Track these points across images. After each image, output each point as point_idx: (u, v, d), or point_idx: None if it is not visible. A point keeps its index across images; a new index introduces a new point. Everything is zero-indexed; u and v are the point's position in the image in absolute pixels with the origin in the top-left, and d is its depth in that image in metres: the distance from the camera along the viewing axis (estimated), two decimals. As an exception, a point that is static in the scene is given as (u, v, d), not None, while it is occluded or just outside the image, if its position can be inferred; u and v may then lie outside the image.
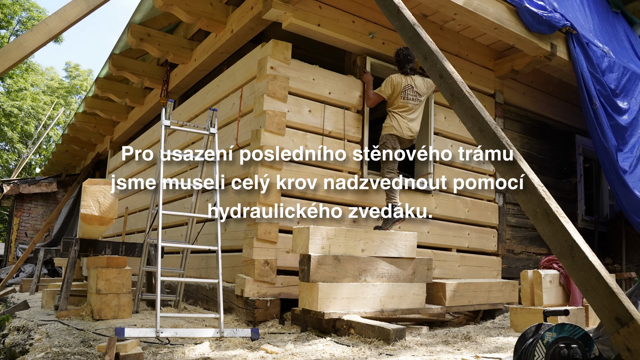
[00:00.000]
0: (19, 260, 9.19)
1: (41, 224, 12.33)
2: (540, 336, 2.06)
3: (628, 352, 1.68)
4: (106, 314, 4.01)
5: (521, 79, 6.63)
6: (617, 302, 1.73)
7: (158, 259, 3.42)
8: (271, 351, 2.90)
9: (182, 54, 6.34)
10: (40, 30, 3.05)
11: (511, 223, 6.33)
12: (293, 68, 4.59)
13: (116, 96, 8.11)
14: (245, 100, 4.84)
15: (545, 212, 2.00)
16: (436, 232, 5.42)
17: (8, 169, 23.35)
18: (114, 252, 4.53)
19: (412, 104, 4.69)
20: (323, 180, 4.64)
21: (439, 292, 4.35)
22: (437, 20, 5.51)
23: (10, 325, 4.13)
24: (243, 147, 4.79)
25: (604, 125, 5.99)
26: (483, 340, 3.43)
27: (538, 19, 5.36)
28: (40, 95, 23.38)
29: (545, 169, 6.84)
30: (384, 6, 3.08)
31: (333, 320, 3.56)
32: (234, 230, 4.77)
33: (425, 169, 5.55)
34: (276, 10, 4.52)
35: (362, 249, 3.82)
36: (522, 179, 2.12)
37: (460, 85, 2.49)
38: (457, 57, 5.82)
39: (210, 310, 4.78)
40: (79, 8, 3.18)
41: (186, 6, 5.16)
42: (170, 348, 2.98)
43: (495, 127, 2.31)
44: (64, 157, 13.30)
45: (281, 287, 4.32)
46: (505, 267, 6.12)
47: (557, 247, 1.95)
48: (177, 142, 6.45)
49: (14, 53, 2.94)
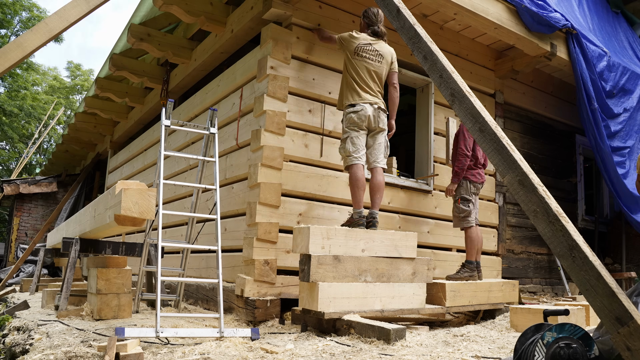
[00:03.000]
0: (19, 260, 9.19)
1: (41, 224, 12.33)
2: (540, 336, 2.06)
3: (628, 352, 1.68)
4: (106, 314, 4.02)
5: (521, 78, 6.63)
6: (617, 302, 1.73)
7: (158, 259, 3.42)
8: (271, 351, 2.89)
9: (182, 54, 6.34)
10: (41, 29, 3.05)
11: (511, 223, 6.33)
12: (293, 68, 4.60)
13: (116, 96, 8.11)
14: (245, 100, 4.84)
15: (545, 211, 2.00)
16: (436, 232, 5.42)
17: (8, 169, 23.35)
18: (114, 252, 4.53)
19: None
20: (323, 180, 4.64)
21: (439, 292, 4.35)
22: (437, 20, 5.51)
23: (10, 325, 4.13)
24: (243, 147, 4.79)
25: (601, 125, 6.00)
26: (483, 340, 3.43)
27: (538, 19, 5.37)
28: (41, 95, 23.39)
29: (545, 169, 6.84)
30: (384, 6, 3.09)
31: (333, 320, 3.56)
32: (234, 230, 4.77)
33: (425, 169, 5.55)
34: (276, 10, 4.52)
35: (363, 248, 3.82)
36: (522, 178, 2.12)
37: (460, 85, 2.49)
38: (457, 57, 5.82)
39: (210, 310, 4.79)
40: (79, 8, 3.19)
41: (186, 6, 5.16)
42: (170, 348, 2.98)
43: (495, 126, 2.31)
44: (64, 157, 13.31)
45: (281, 287, 4.32)
46: (505, 267, 6.12)
47: (557, 246, 1.95)
48: (177, 142, 6.45)
49: (14, 53, 2.95)
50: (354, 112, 4.13)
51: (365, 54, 4.24)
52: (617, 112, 6.21)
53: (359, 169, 4.07)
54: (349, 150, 4.10)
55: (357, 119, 4.11)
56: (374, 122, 4.17)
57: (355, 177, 4.05)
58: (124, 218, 3.08)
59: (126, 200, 3.08)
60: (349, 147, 4.10)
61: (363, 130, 4.17)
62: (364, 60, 4.23)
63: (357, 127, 4.13)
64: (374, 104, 4.17)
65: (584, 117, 6.02)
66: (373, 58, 4.26)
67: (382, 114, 4.23)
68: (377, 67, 4.26)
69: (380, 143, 4.23)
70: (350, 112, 4.15)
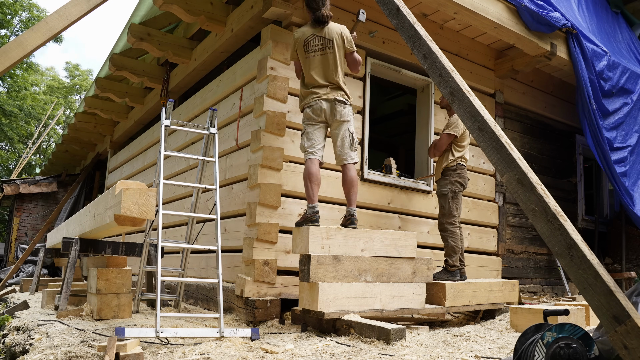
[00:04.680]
0: (19, 260, 9.19)
1: (41, 224, 12.33)
2: (540, 336, 2.06)
3: (625, 350, 1.69)
4: (106, 314, 4.02)
5: (521, 78, 6.63)
6: (615, 301, 1.73)
7: (158, 259, 3.42)
8: (271, 351, 2.89)
9: (182, 54, 6.34)
10: (41, 28, 3.05)
11: (511, 223, 6.33)
12: (293, 68, 4.59)
13: (116, 96, 8.11)
14: (245, 100, 4.84)
15: (544, 210, 2.00)
16: (436, 232, 5.41)
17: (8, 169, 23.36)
18: (114, 252, 4.53)
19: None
20: (323, 180, 4.63)
21: (439, 292, 4.35)
22: (437, 19, 5.51)
23: (10, 325, 4.13)
24: (243, 148, 4.79)
25: (600, 124, 6.00)
26: (483, 340, 3.43)
27: (538, 19, 5.37)
28: (41, 95, 23.39)
29: (545, 169, 6.84)
30: (384, 5, 3.08)
31: (333, 320, 3.56)
32: (234, 230, 4.77)
33: (425, 169, 5.55)
34: (276, 9, 4.52)
35: (362, 248, 3.82)
36: (521, 177, 2.12)
37: (460, 84, 2.49)
38: (457, 56, 5.82)
39: (210, 310, 4.79)
40: (80, 7, 3.19)
41: (186, 5, 5.16)
42: (170, 348, 2.98)
43: (494, 125, 2.31)
44: (64, 157, 13.31)
45: (281, 287, 4.32)
46: (505, 267, 6.12)
47: (555, 245, 1.95)
48: (177, 142, 6.45)
49: (14, 52, 2.95)
50: (309, 107, 3.99)
51: (312, 48, 4.00)
52: (616, 111, 6.22)
53: (313, 162, 3.90)
54: (304, 145, 3.98)
55: (312, 112, 3.97)
56: (331, 114, 3.97)
57: (309, 171, 3.89)
58: (124, 218, 3.08)
59: (126, 200, 3.08)
60: (304, 143, 3.99)
61: (319, 125, 4.00)
62: (315, 55, 4.00)
63: (313, 122, 3.98)
64: (329, 98, 3.97)
65: (584, 116, 6.03)
66: (321, 48, 4.00)
67: (340, 106, 3.98)
68: (328, 56, 4.00)
69: (344, 137, 4.00)
70: (305, 106, 4.03)
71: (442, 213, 4.75)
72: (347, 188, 3.99)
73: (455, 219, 4.70)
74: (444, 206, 4.71)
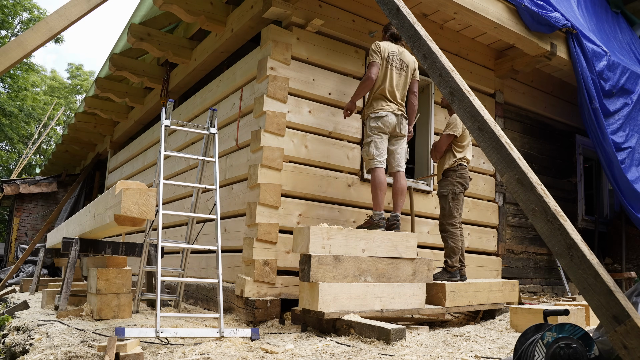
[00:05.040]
0: (19, 260, 9.19)
1: (41, 224, 12.33)
2: (540, 336, 2.06)
3: (625, 350, 1.68)
4: (106, 314, 4.02)
5: (521, 78, 6.63)
6: (614, 301, 1.73)
7: (158, 259, 3.42)
8: (271, 351, 2.89)
9: (182, 54, 6.34)
10: (41, 28, 3.05)
11: (511, 223, 6.33)
12: (293, 69, 4.60)
13: (116, 96, 8.11)
14: (245, 100, 4.84)
15: (544, 210, 1.99)
16: (436, 232, 5.41)
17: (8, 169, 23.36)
18: (114, 252, 4.53)
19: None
20: (323, 180, 4.64)
21: (439, 292, 4.34)
22: (437, 19, 5.52)
23: (10, 325, 4.13)
24: (243, 148, 4.79)
25: (603, 124, 6.00)
26: (483, 340, 3.43)
27: (538, 19, 5.37)
28: (41, 95, 23.39)
29: (545, 169, 6.84)
30: (384, 5, 3.08)
31: (333, 320, 3.56)
32: (234, 230, 4.77)
33: (425, 169, 5.55)
34: (276, 9, 4.52)
35: (363, 249, 3.82)
36: (520, 177, 2.12)
37: (460, 84, 2.49)
38: (457, 56, 5.82)
39: (210, 310, 4.79)
40: (80, 7, 3.19)
41: (186, 5, 5.16)
42: (170, 348, 2.98)
43: (494, 125, 2.31)
44: (64, 157, 13.31)
45: (281, 287, 4.32)
46: (505, 267, 6.12)
47: (555, 245, 1.95)
48: (177, 142, 6.45)
49: (14, 52, 2.95)
50: (380, 118, 4.26)
51: (393, 64, 4.36)
52: (617, 112, 6.21)
53: (382, 172, 4.21)
54: (373, 153, 4.23)
55: (382, 124, 4.26)
56: (397, 128, 4.33)
57: (378, 179, 4.18)
58: (124, 218, 3.08)
59: (126, 200, 3.08)
60: (372, 151, 4.23)
61: (386, 135, 4.31)
62: (394, 70, 4.36)
63: (382, 133, 4.27)
64: (398, 112, 4.33)
65: (586, 116, 6.02)
66: (398, 67, 4.39)
67: (404, 121, 4.40)
68: (402, 76, 4.40)
69: (402, 149, 4.42)
70: (376, 117, 4.28)
71: (442, 214, 4.74)
72: (397, 194, 4.35)
73: (455, 219, 4.70)
74: (445, 207, 4.71)
